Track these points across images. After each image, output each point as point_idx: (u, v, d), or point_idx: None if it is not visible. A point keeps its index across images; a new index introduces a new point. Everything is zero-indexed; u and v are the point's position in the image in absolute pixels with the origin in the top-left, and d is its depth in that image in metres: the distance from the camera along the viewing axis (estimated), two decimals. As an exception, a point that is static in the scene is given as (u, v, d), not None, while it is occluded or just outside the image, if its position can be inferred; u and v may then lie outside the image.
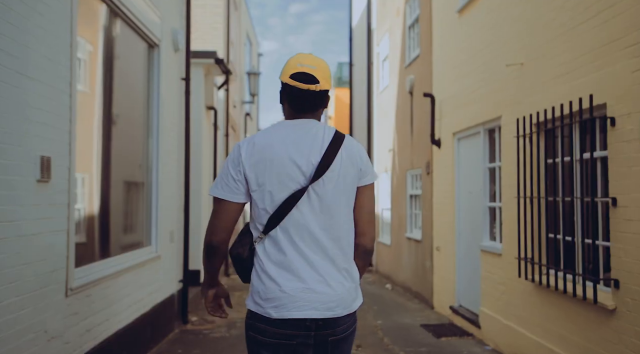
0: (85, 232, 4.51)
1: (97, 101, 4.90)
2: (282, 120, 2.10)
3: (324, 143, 1.99)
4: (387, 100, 11.53)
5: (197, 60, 8.37)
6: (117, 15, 4.97)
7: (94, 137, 4.79)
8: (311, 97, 2.00)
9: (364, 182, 2.05)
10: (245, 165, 1.96)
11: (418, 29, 9.24)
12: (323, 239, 1.95)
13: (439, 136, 7.80)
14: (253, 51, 21.09)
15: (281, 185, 1.94)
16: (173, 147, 6.65)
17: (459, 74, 6.97)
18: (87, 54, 4.52)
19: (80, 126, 4.08)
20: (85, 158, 4.51)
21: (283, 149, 1.96)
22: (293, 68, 2.00)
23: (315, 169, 1.94)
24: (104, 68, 4.86)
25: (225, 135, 11.90)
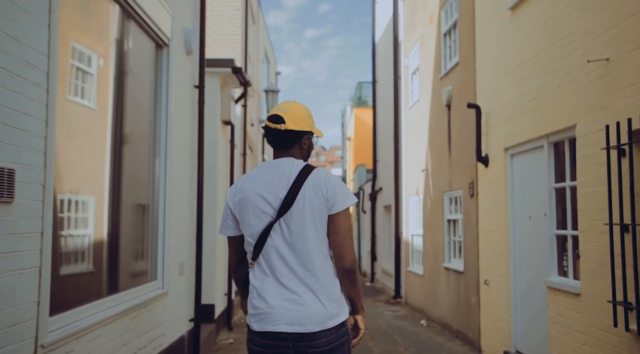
0: (73, 266, 3.60)
1: (106, 117, 4.08)
2: (261, 164, 2.42)
3: (291, 178, 2.24)
4: (417, 116, 10.61)
5: (213, 69, 7.56)
6: (122, 6, 4.14)
7: (102, 157, 3.96)
8: (278, 136, 2.31)
9: (333, 210, 2.25)
10: (230, 205, 2.34)
11: (456, 36, 8.36)
12: (293, 263, 2.22)
13: (486, 153, 6.83)
14: (271, 69, 20.42)
15: (257, 219, 2.26)
16: (184, 165, 5.77)
17: (513, 80, 6.04)
18: (94, 66, 3.68)
19: (89, 145, 3.74)
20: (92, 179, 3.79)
21: (256, 188, 2.27)
22: (270, 112, 2.34)
23: (281, 203, 2.22)
24: (114, 74, 4.02)
25: (242, 154, 11.05)
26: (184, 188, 5.75)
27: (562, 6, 5.03)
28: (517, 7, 5.96)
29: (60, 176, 3.31)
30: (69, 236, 3.53)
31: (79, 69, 3.69)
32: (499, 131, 6.44)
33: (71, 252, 3.58)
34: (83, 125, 3.79)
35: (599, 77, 4.36)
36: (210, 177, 7.41)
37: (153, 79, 5.08)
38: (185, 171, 5.83)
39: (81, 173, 3.74)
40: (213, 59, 7.59)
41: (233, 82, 8.23)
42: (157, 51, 5.15)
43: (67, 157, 3.43)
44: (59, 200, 3.30)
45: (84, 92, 3.78)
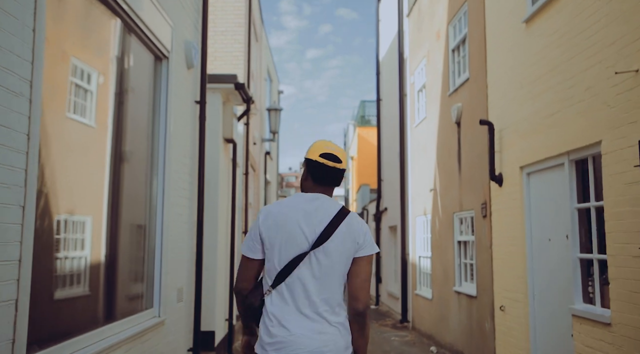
0: (59, 293, 3.27)
1: (103, 134, 3.84)
2: (298, 194, 2.42)
3: (330, 216, 2.32)
4: (424, 134, 10.34)
5: (215, 85, 7.30)
6: (117, 14, 3.88)
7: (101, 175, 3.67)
8: (335, 174, 2.40)
9: (360, 253, 2.34)
10: (262, 227, 2.32)
11: (465, 51, 8.12)
12: (315, 297, 2.27)
13: (500, 171, 6.52)
14: (273, 88, 20.26)
15: (288, 247, 2.29)
16: (184, 184, 5.47)
17: (529, 95, 5.76)
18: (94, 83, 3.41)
19: (87, 163, 3.57)
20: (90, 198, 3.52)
21: (293, 216, 2.31)
22: (321, 149, 2.40)
23: (317, 237, 2.29)
24: (114, 88, 3.74)
25: (244, 173, 10.76)
26: (183, 209, 5.45)
27: (582, 18, 4.77)
28: (532, 20, 5.71)
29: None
30: (61, 259, 3.22)
31: (76, 85, 3.41)
32: (514, 149, 6.14)
33: (59, 277, 3.25)
34: (80, 142, 3.50)
35: (627, 90, 4.07)
36: (211, 198, 7.10)
37: (151, 93, 4.81)
38: (185, 191, 5.53)
39: (77, 193, 3.44)
40: (215, 75, 7.34)
41: (235, 98, 7.97)
42: (156, 64, 4.88)
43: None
44: (54, 221, 3.07)
45: (81, 108, 3.49)
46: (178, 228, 5.26)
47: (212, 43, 10.73)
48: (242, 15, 11.03)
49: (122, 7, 3.84)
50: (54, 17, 3.05)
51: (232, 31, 10.89)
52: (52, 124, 3.06)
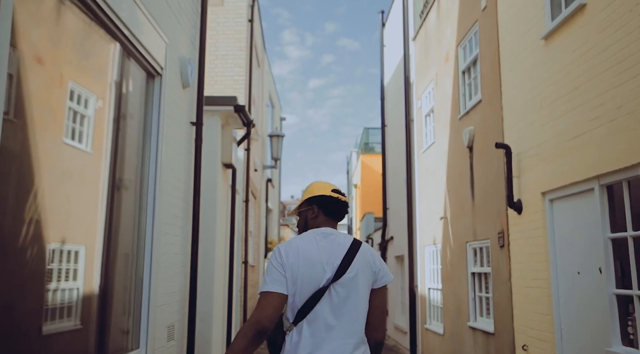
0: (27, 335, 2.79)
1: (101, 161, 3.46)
2: (311, 230, 2.47)
3: (345, 248, 2.38)
4: (433, 159, 9.92)
5: (214, 107, 6.93)
6: (103, 25, 3.50)
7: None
8: (345, 207, 2.53)
9: (378, 284, 2.41)
10: (286, 263, 2.31)
11: (476, 72, 7.76)
12: (337, 331, 2.27)
13: (519, 198, 6.06)
14: (275, 115, 19.98)
15: (309, 283, 2.29)
16: (176, 211, 5.02)
17: (550, 116, 5.35)
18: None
19: (82, 189, 3.38)
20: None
21: (314, 253, 2.34)
22: (329, 186, 2.54)
23: (336, 270, 2.32)
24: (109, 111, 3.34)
25: (244, 201, 10.32)
26: (175, 238, 4.98)
27: (610, 31, 4.39)
28: (552, 37, 5.34)
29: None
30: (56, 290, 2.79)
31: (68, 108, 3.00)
32: (535, 174, 5.70)
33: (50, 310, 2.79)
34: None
35: (670, 106, 3.65)
36: (207, 226, 6.64)
37: (142, 113, 4.40)
38: (178, 218, 5.07)
39: (71, 221, 2.99)
40: (214, 97, 6.97)
41: (235, 122, 7.59)
42: (148, 81, 4.49)
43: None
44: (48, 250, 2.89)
45: (65, 128, 3.07)
46: (169, 259, 4.79)
47: (212, 67, 10.44)
48: (243, 39, 10.76)
49: (109, 17, 3.46)
50: (27, 23, 2.66)
51: (233, 55, 10.61)
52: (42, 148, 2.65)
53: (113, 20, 3.48)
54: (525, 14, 5.98)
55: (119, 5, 3.54)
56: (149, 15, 4.08)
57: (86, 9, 3.27)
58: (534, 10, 5.76)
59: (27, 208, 2.79)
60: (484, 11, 7.29)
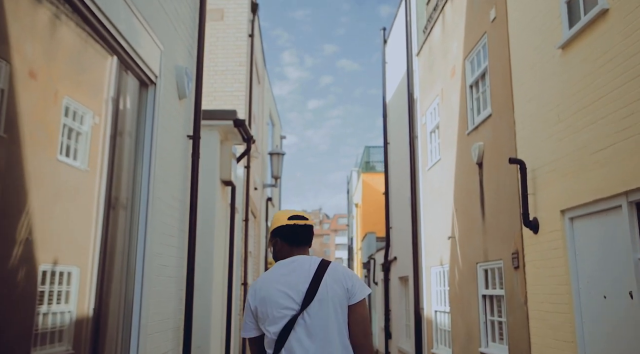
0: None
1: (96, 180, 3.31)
2: (278, 262, 2.49)
3: (311, 272, 2.37)
4: (439, 177, 9.59)
5: (212, 122, 6.62)
6: (91, 25, 3.20)
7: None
8: (307, 232, 2.53)
9: (353, 300, 2.37)
10: (252, 306, 2.39)
11: (485, 86, 7.49)
12: (315, 352, 2.27)
13: (535, 216, 5.72)
14: (276, 133, 19.72)
15: (280, 314, 2.31)
16: (171, 230, 4.67)
17: (570, 129, 5.04)
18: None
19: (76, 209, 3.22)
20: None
21: (276, 285, 2.36)
22: (287, 215, 2.54)
23: (304, 296, 2.31)
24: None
25: (244, 220, 9.96)
26: (169, 259, 4.63)
27: (636, 37, 4.10)
28: (570, 45, 5.06)
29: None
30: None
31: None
32: (552, 190, 5.37)
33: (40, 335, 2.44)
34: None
35: None
36: (205, 247, 6.28)
37: (134, 124, 4.08)
38: (173, 238, 4.72)
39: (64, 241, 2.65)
40: (212, 110, 6.67)
41: (235, 137, 7.28)
42: (141, 90, 4.19)
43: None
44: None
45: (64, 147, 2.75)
46: (163, 283, 4.42)
47: (211, 82, 10.18)
48: (243, 54, 10.52)
49: (95, 16, 3.16)
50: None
51: (233, 70, 10.35)
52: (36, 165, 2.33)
53: (100, 19, 3.17)
54: (539, 23, 5.72)
55: (107, 3, 3.24)
56: (141, 19, 3.78)
57: (68, 4, 2.97)
58: (549, 19, 5.49)
59: (19, 227, 2.64)
60: (493, 22, 7.04)
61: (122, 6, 3.44)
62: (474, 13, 7.80)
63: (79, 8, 3.02)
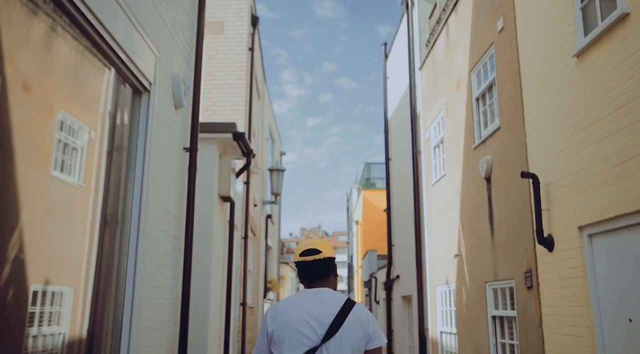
0: None
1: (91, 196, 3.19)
2: (303, 290, 2.50)
3: (337, 308, 2.37)
4: (444, 192, 9.31)
5: (211, 135, 6.37)
6: (78, 26, 2.95)
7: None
8: (317, 266, 2.49)
9: (371, 346, 2.39)
10: (270, 328, 2.36)
11: (493, 98, 7.25)
12: None
13: (549, 233, 5.43)
14: (276, 149, 19.50)
15: (297, 342, 2.30)
16: (165, 248, 4.38)
17: (587, 140, 4.77)
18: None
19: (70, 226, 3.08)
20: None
21: (299, 313, 2.35)
22: (300, 249, 2.55)
23: (327, 330, 2.32)
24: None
25: (243, 237, 9.66)
26: (163, 280, 4.32)
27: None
28: (586, 53, 4.82)
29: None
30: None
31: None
32: (568, 205, 5.09)
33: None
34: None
35: None
36: (202, 265, 5.97)
37: (125, 133, 3.82)
38: (167, 257, 4.42)
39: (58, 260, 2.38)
40: (211, 123, 6.43)
41: (234, 151, 7.02)
42: (134, 98, 3.93)
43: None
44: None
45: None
46: (155, 305, 4.11)
47: (210, 96, 9.96)
48: (243, 68, 10.32)
49: (86, 18, 2.92)
50: None
51: (233, 84, 10.14)
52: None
53: (86, 16, 2.91)
54: (551, 31, 5.50)
55: (100, 5, 3.00)
56: (133, 19, 3.54)
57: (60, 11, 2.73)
58: (562, 27, 5.27)
59: (10, 246, 2.52)
60: (500, 33, 6.83)
61: (111, 3, 3.20)
62: (480, 24, 7.61)
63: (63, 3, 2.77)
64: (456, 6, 8.77)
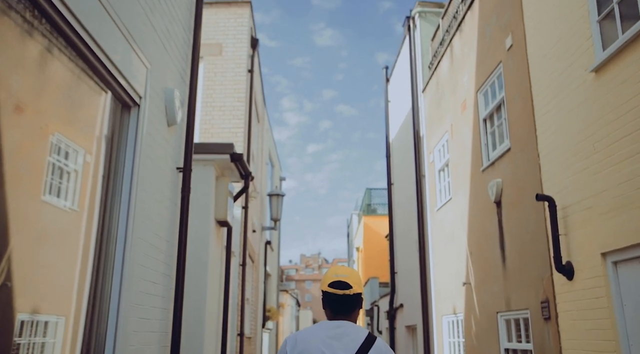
0: None
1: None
2: (323, 321, 2.44)
3: (358, 343, 2.31)
4: (450, 217, 8.97)
5: (207, 156, 6.05)
6: (61, 32, 2.67)
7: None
8: (346, 301, 2.43)
9: None
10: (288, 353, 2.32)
11: (501, 118, 6.97)
12: None
13: (568, 260, 5.07)
14: (275, 174, 19.18)
15: None
16: (154, 276, 4.02)
17: (609, 161, 4.46)
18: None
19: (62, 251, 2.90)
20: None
21: (320, 345, 2.30)
22: (330, 278, 2.48)
23: None
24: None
25: (241, 264, 9.26)
26: (152, 311, 3.94)
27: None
28: (605, 68, 4.54)
29: None
30: None
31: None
32: (589, 230, 4.74)
33: None
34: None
35: None
36: (195, 294, 5.58)
37: (110, 149, 3.50)
38: (156, 285, 4.06)
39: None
40: (208, 143, 6.13)
41: (232, 174, 6.69)
42: (123, 112, 3.62)
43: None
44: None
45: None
46: (142, 339, 3.73)
47: (208, 119, 9.71)
48: (242, 90, 10.07)
49: (69, 24, 2.63)
50: None
51: (231, 106, 9.88)
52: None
53: (64, 16, 2.62)
54: (564, 47, 5.24)
55: (81, 8, 2.72)
56: (121, 26, 3.26)
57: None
58: (576, 42, 5.01)
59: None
60: (509, 51, 6.59)
61: (96, 6, 2.92)
62: (487, 43, 7.38)
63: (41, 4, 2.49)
64: (461, 26, 8.57)
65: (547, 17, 5.64)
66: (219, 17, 10.32)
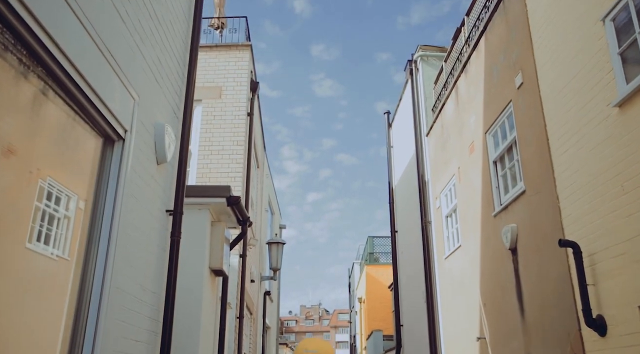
0: None
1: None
2: None
3: None
4: (459, 266, 8.46)
5: (202, 199, 5.65)
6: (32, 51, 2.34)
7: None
8: None
9: None
10: None
11: (513, 160, 6.61)
12: None
13: (600, 313, 4.58)
14: (275, 222, 18.70)
15: None
16: (137, 333, 3.53)
17: (639, 201, 4.05)
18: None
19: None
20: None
21: None
22: (300, 353, 2.41)
23: None
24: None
25: (238, 317, 8.67)
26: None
27: None
28: (631, 101, 4.21)
29: None
30: None
31: None
32: (623, 280, 4.28)
33: None
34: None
35: None
36: (186, 350, 5.05)
37: (91, 190, 3.10)
38: (139, 343, 3.56)
39: None
40: (203, 186, 5.76)
41: (228, 219, 6.27)
42: (105, 147, 3.25)
43: None
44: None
45: None
46: (119, 409, 3.21)
47: (206, 162, 9.36)
48: (241, 133, 9.78)
49: (45, 47, 2.30)
50: None
51: (230, 150, 9.56)
52: None
53: (39, 36, 2.29)
54: (582, 81, 4.93)
55: (54, 21, 2.39)
56: (101, 45, 2.92)
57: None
58: (596, 76, 4.71)
59: None
60: (519, 89, 6.30)
61: (76, 26, 2.59)
62: (495, 82, 7.12)
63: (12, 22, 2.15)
64: (466, 67, 8.36)
65: (561, 52, 5.37)
66: (219, 60, 10.17)
